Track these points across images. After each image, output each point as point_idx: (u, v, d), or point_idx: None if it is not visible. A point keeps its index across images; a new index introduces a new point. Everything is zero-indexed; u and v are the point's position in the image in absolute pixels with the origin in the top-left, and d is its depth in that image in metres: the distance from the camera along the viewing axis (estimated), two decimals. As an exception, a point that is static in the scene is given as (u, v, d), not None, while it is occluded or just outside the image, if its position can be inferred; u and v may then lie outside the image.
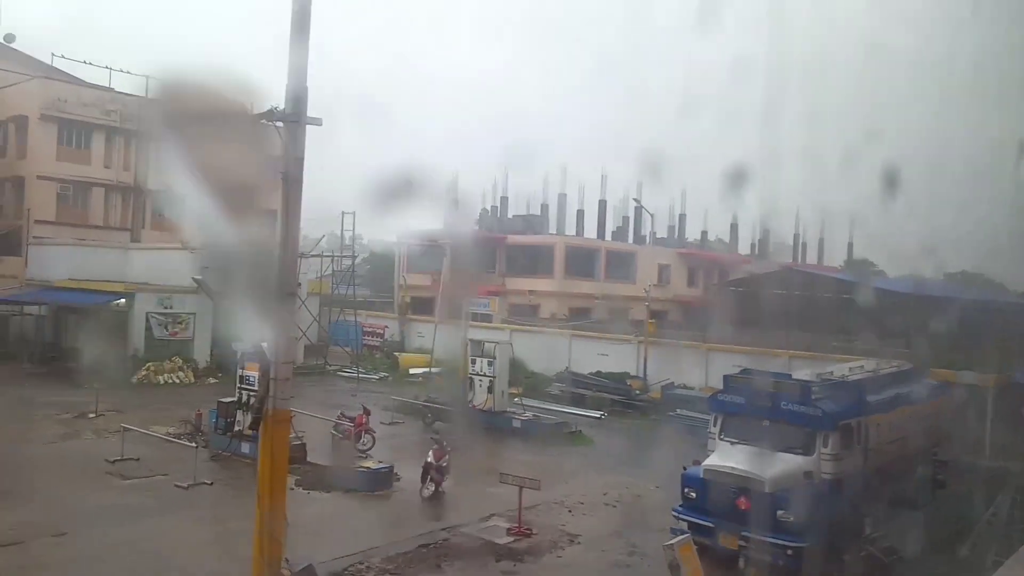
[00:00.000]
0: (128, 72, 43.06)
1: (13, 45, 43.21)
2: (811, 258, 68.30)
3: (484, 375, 25.77)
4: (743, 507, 13.34)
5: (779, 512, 13.10)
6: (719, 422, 15.07)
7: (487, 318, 37.03)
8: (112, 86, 42.56)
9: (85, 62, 41.85)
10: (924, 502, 16.41)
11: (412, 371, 36.14)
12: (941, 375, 21.07)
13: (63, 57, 42.05)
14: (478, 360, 26.01)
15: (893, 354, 21.49)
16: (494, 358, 25.74)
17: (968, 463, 19.53)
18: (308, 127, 5.76)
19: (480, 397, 25.60)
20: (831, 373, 16.53)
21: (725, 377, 15.90)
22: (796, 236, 67.45)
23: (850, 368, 17.47)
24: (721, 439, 14.85)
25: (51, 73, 41.74)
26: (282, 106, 5.68)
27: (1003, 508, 15.61)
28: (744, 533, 13.23)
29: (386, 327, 42.98)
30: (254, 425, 6.31)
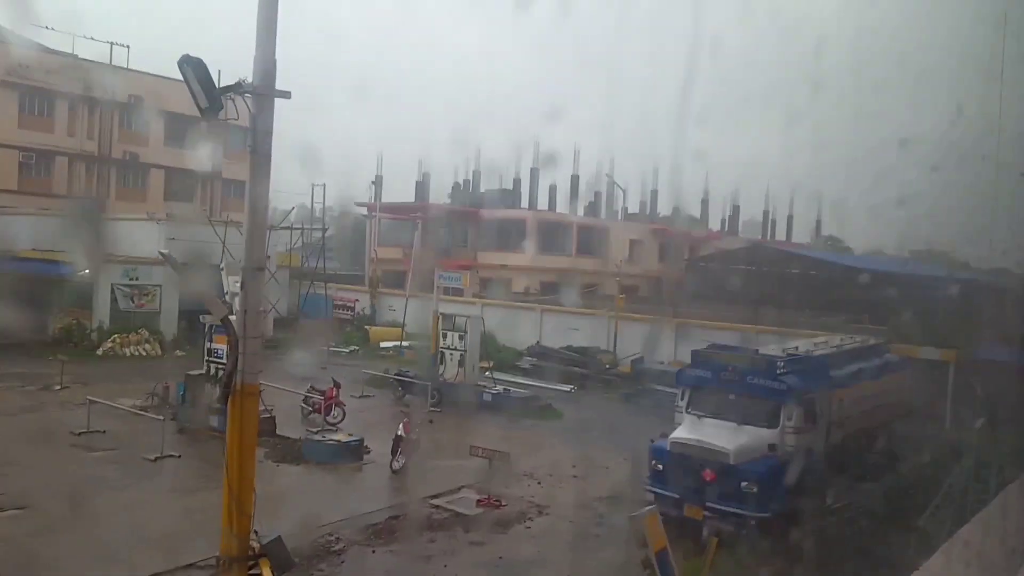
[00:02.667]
0: (92, 39, 42.11)
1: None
2: (780, 235, 69.10)
3: (455, 349, 25.82)
4: (708, 479, 13.59)
5: (743, 484, 13.37)
6: (686, 396, 15.30)
7: (458, 292, 36.98)
8: (76, 52, 41.61)
9: (48, 27, 40.77)
10: (885, 473, 16.82)
11: (383, 344, 36.10)
12: (903, 350, 21.49)
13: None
14: (449, 334, 26.04)
15: (857, 330, 21.89)
16: (465, 332, 25.78)
17: (929, 436, 20.01)
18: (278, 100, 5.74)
19: (451, 371, 25.66)
20: (796, 348, 16.80)
21: (693, 352, 16.13)
22: (766, 213, 68.23)
23: (815, 343, 17.77)
24: (688, 412, 15.09)
25: (12, 39, 40.62)
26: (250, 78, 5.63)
27: (960, 480, 16.03)
28: (709, 504, 13.48)
29: (356, 300, 42.81)
30: (223, 400, 6.29)
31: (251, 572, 6.25)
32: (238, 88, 5.72)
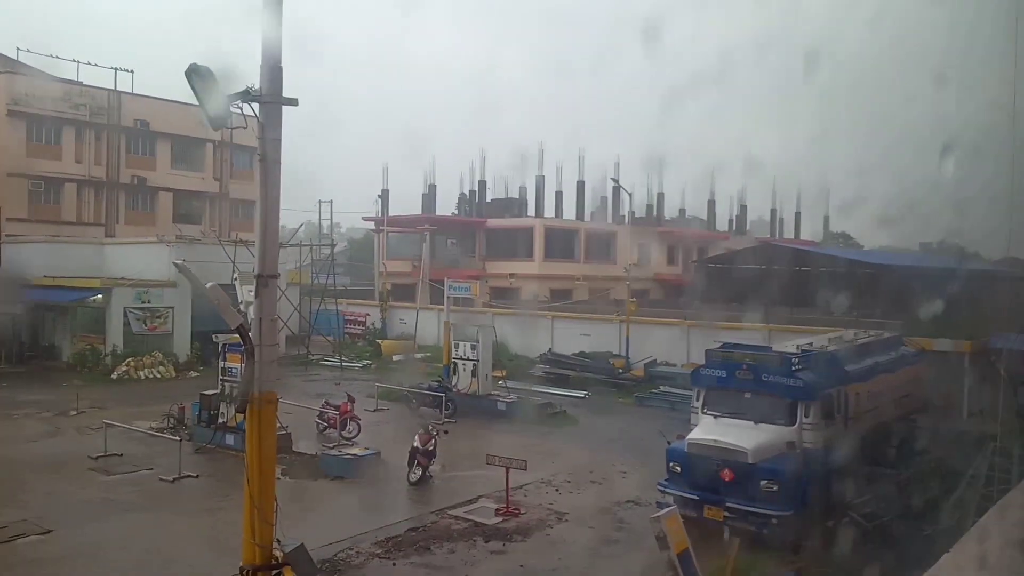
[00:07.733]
0: (96, 65, 42.54)
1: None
2: (788, 232, 68.90)
3: (467, 359, 25.80)
4: (727, 479, 13.50)
5: (763, 482, 13.28)
6: (702, 396, 15.23)
7: (468, 302, 36.99)
8: (80, 79, 42.03)
9: (52, 56, 41.22)
10: (905, 467, 16.69)
11: (395, 357, 36.15)
12: (917, 343, 21.37)
13: (29, 51, 41.41)
14: (461, 344, 26.04)
15: (870, 324, 21.77)
16: (477, 342, 25.77)
17: (947, 427, 19.87)
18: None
19: (464, 381, 25.64)
20: (810, 344, 16.71)
21: (707, 352, 16.05)
22: (773, 211, 68.06)
23: (829, 339, 17.68)
24: (704, 413, 15.01)
25: (17, 68, 41.08)
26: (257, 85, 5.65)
27: (981, 469, 15.91)
28: (729, 504, 13.40)
29: (367, 315, 42.90)
30: (241, 409, 6.31)
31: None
32: (246, 95, 5.75)
